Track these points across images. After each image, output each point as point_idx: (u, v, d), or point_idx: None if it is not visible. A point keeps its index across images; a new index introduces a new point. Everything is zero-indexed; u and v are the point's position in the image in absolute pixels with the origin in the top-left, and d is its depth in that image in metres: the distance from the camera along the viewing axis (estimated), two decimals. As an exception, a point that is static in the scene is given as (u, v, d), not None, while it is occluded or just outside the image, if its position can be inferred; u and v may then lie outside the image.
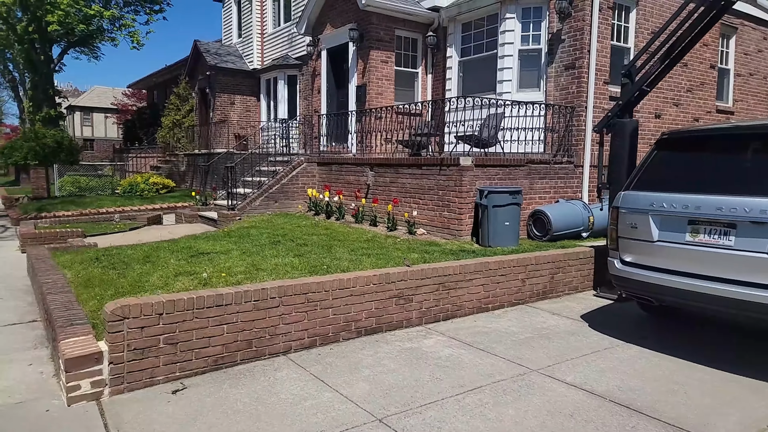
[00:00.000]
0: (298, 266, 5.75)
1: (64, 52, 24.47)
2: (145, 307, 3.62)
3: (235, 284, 5.09)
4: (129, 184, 15.13)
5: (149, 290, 5.00)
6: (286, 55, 16.47)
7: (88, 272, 5.81)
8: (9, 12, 21.54)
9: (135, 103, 39.86)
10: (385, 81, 11.00)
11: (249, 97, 18.53)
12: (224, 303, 3.90)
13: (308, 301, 4.27)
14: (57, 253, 7.00)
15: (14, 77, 34.14)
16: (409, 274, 4.79)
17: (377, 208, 8.83)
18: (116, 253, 6.78)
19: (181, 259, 6.34)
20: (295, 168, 10.68)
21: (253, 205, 10.17)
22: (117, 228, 9.92)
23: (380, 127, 10.42)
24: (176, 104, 21.16)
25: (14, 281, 6.65)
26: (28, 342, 4.55)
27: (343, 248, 6.82)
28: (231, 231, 8.63)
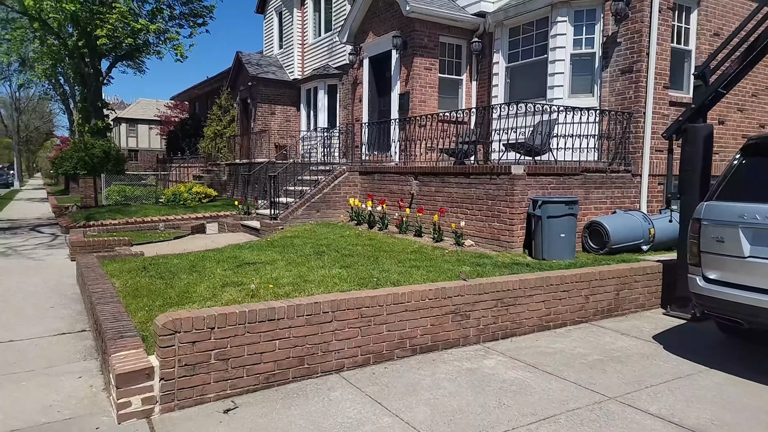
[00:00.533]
0: (346, 278, 5.55)
1: (112, 66, 25.29)
2: (196, 321, 3.47)
3: (283, 296, 4.93)
4: (173, 194, 15.37)
5: (197, 301, 4.89)
6: (326, 64, 16.50)
7: (136, 282, 5.76)
8: (61, 27, 22.47)
9: (177, 114, 40.95)
10: (428, 89, 10.78)
11: (289, 107, 18.65)
12: (276, 317, 3.72)
13: (362, 316, 4.04)
14: (105, 262, 7.02)
15: (65, 91, 35.60)
16: (465, 289, 4.51)
17: (422, 218, 8.58)
18: (163, 262, 6.75)
19: (227, 269, 6.24)
20: (337, 177, 10.55)
21: (296, 214, 10.08)
22: (162, 237, 9.99)
23: (423, 136, 10.19)
24: (218, 115, 21.54)
25: (65, 289, 6.69)
26: (77, 353, 4.48)
27: (390, 260, 6.59)
28: (274, 240, 8.54)
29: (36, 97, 44.60)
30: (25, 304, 5.94)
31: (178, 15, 24.23)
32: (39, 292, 6.48)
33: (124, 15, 21.15)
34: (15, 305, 5.90)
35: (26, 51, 28.84)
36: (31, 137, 52.32)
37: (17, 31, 24.20)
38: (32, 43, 26.97)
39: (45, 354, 4.43)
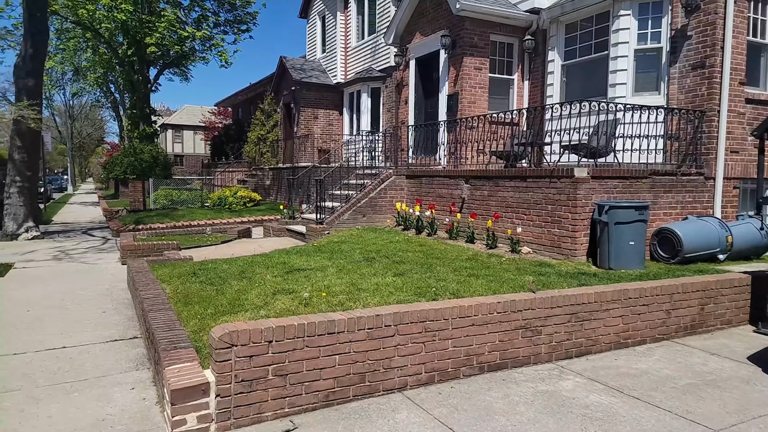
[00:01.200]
0: (400, 287, 5.26)
1: (160, 73, 25.96)
2: (254, 334, 3.25)
3: (337, 306, 4.68)
4: (218, 198, 15.49)
5: (249, 310, 4.70)
6: (370, 67, 16.33)
7: (187, 288, 5.63)
8: (112, 36, 23.21)
9: (221, 120, 41.82)
10: (478, 89, 10.41)
11: (332, 110, 18.58)
12: (336, 330, 3.46)
13: (426, 330, 3.74)
14: (155, 266, 6.97)
15: (115, 98, 36.87)
16: (536, 302, 4.14)
17: (474, 224, 8.20)
18: (212, 267, 6.64)
19: (277, 276, 6.05)
20: (384, 181, 10.30)
21: (341, 219, 9.88)
22: (209, 241, 9.98)
23: (473, 138, 9.83)
24: (261, 120, 21.72)
25: (117, 293, 6.66)
26: (130, 361, 4.35)
27: (445, 267, 6.26)
28: (321, 246, 8.34)
29: (88, 104, 46.45)
30: (78, 310, 5.91)
31: (222, 22, 24.67)
32: (91, 297, 6.47)
33: (172, 23, 21.62)
34: (70, 310, 5.88)
35: (79, 60, 29.96)
36: (84, 143, 54.56)
37: (71, 41, 25.15)
38: (85, 53, 27.98)
39: (97, 362, 4.32)
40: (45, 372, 4.09)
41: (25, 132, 11.78)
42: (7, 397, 3.63)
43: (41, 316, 5.62)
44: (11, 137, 12.21)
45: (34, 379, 3.95)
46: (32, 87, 11.83)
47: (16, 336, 4.94)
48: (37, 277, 7.64)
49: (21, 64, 11.71)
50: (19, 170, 11.84)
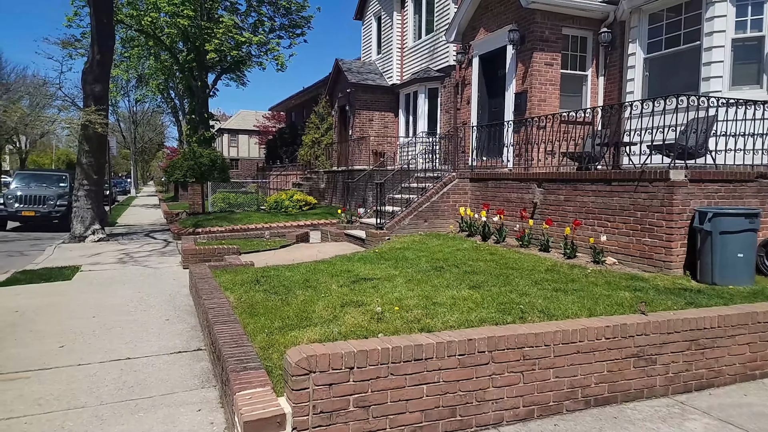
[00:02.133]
0: (480, 302, 4.78)
1: (218, 78, 26.48)
2: (334, 359, 2.86)
3: (413, 322, 4.27)
4: (275, 201, 15.46)
5: (318, 324, 4.35)
6: (427, 67, 15.89)
7: (251, 296, 5.37)
8: (173, 44, 23.86)
9: (274, 124, 42.51)
10: (549, 86, 9.76)
11: (387, 113, 18.26)
12: (424, 356, 3.03)
13: (524, 357, 3.25)
14: (217, 272, 6.79)
15: (175, 104, 38.13)
16: (650, 327, 3.56)
17: (549, 231, 7.59)
18: (275, 274, 6.37)
19: (343, 285, 5.71)
20: (446, 185, 9.82)
21: (402, 224, 9.48)
22: (268, 245, 9.81)
23: (542, 139, 9.20)
24: (315, 123, 21.68)
25: (180, 300, 6.52)
26: (195, 377, 4.09)
27: (524, 279, 5.72)
28: (383, 252, 7.96)
29: (150, 110, 48.40)
30: (142, 317, 5.77)
31: (278, 26, 24.90)
32: (155, 304, 6.34)
33: (230, 29, 21.97)
34: (134, 317, 5.75)
35: (142, 68, 31.06)
36: (146, 148, 56.90)
37: (135, 49, 26.05)
38: (147, 60, 28.98)
39: (162, 377, 4.08)
40: (109, 387, 3.88)
41: (92, 136, 12.07)
42: (72, 416, 3.42)
43: (106, 323, 5.50)
44: (79, 141, 12.56)
45: (98, 395, 3.74)
46: (99, 92, 12.12)
47: (82, 345, 4.81)
48: (102, 281, 7.64)
49: (88, 70, 12.02)
50: (86, 174, 12.14)
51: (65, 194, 15.57)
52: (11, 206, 14.82)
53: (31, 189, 15.55)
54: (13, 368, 4.22)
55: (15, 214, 14.88)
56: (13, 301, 6.41)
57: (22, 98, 27.52)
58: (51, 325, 5.42)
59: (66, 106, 12.88)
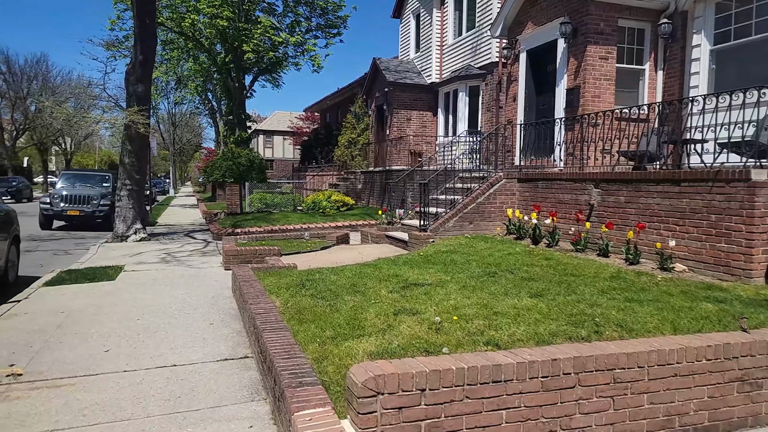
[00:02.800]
0: (546, 313, 4.39)
1: (255, 80, 26.67)
2: (403, 379, 2.56)
3: (477, 334, 3.93)
4: (312, 202, 15.33)
5: (372, 334, 4.05)
6: (468, 65, 15.46)
7: (297, 302, 5.13)
8: (211, 46, 24.12)
9: (308, 125, 42.69)
10: (603, 81, 9.23)
11: (425, 112, 17.91)
12: (503, 378, 2.69)
13: (615, 381, 2.87)
14: (260, 274, 6.60)
15: (213, 106, 38.71)
16: (756, 347, 3.12)
17: (608, 234, 7.11)
18: (320, 278, 6.12)
19: (393, 291, 5.40)
20: (493, 185, 9.41)
21: (446, 226, 9.12)
22: (308, 246, 9.61)
23: (596, 137, 8.70)
24: (352, 123, 21.52)
25: (223, 303, 6.34)
26: (243, 388, 3.85)
27: (588, 287, 5.29)
28: (429, 256, 7.63)
29: (188, 112, 49.32)
30: (186, 320, 5.61)
31: (314, 27, 24.85)
32: (199, 306, 6.18)
33: (267, 29, 22.01)
34: (178, 320, 5.59)
35: (181, 70, 31.58)
36: (184, 149, 58.11)
37: (174, 51, 26.45)
38: (186, 62, 29.45)
39: (209, 387, 3.87)
40: (156, 397, 3.68)
41: (134, 137, 12.16)
42: (118, 430, 3.22)
43: (150, 326, 5.35)
44: (122, 142, 12.68)
45: (145, 406, 3.54)
46: (142, 93, 12.19)
47: (128, 349, 4.65)
48: (145, 282, 7.56)
49: (131, 71, 12.11)
50: (129, 174, 12.23)
51: (108, 194, 15.82)
52: (57, 206, 15.13)
53: (75, 189, 15.86)
54: (58, 374, 4.08)
55: (61, 213, 15.19)
56: (58, 301, 6.37)
57: (67, 100, 28.32)
58: (96, 327, 5.31)
59: (109, 106, 13.05)
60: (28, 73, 41.03)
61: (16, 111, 40.98)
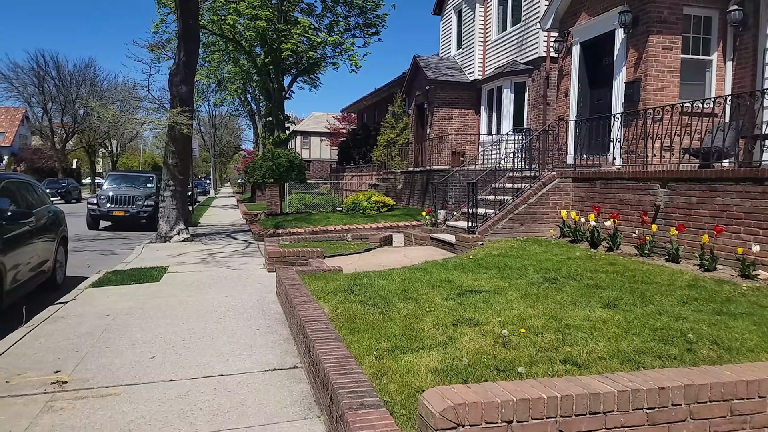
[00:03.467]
0: (626, 327, 3.95)
1: (293, 81, 26.76)
2: (488, 409, 2.21)
3: (550, 350, 3.54)
4: (352, 202, 15.10)
5: (432, 346, 3.72)
6: (513, 61, 14.93)
7: (347, 308, 4.84)
8: (251, 47, 24.28)
9: (345, 125, 42.72)
10: (667, 73, 8.61)
11: (467, 110, 17.45)
12: (602, 409, 2.31)
13: (732, 413, 2.44)
14: (305, 277, 6.36)
15: (252, 108, 39.19)
16: None
17: (679, 238, 6.54)
18: (368, 283, 5.82)
19: (448, 299, 5.05)
20: (545, 185, 8.92)
21: (496, 228, 8.69)
22: (351, 248, 9.35)
23: (659, 133, 8.12)
24: (391, 122, 21.20)
25: (268, 307, 6.13)
26: (295, 403, 3.58)
27: (665, 297, 4.80)
28: (479, 259, 7.23)
29: (227, 114, 50.19)
30: (231, 325, 5.40)
31: (352, 26, 24.69)
32: (244, 310, 5.98)
33: (306, 29, 21.98)
34: (223, 325, 5.39)
35: (221, 73, 32.04)
36: (223, 150, 59.21)
37: (215, 54, 26.78)
38: (227, 65, 29.86)
39: (259, 400, 3.61)
40: (204, 411, 3.44)
41: (178, 138, 12.20)
42: (165, 448, 2.99)
43: (196, 331, 5.17)
44: (166, 143, 12.76)
45: (192, 421, 3.31)
46: (185, 94, 12.22)
47: (173, 356, 4.47)
48: (189, 284, 7.45)
49: (175, 72, 12.15)
50: (172, 174, 12.28)
51: (152, 195, 16.03)
52: (103, 206, 15.42)
53: (121, 190, 16.14)
54: (104, 382, 3.91)
55: (107, 213, 15.48)
56: (104, 303, 6.29)
57: (114, 103, 29.14)
58: (142, 331, 5.16)
59: (154, 108, 13.24)
60: (76, 77, 42.56)
61: (65, 115, 42.57)
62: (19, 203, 6.50)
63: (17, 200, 6.52)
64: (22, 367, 4.20)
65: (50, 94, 42.12)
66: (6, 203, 6.16)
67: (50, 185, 33.67)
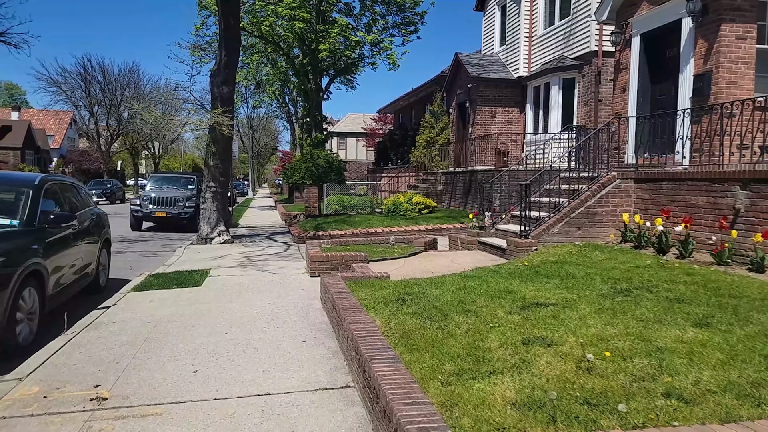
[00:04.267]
0: (730, 351, 3.45)
1: (331, 82, 26.64)
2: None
3: (647, 379, 3.05)
4: (392, 204, 14.73)
5: (504, 371, 3.29)
6: (561, 56, 14.25)
7: (401, 321, 4.45)
8: (290, 49, 24.25)
9: (381, 126, 42.47)
10: (741, 65, 7.89)
11: (511, 108, 16.83)
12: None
13: None
14: (352, 284, 6.01)
15: (289, 109, 39.40)
16: None
17: (765, 246, 5.88)
18: (419, 292, 5.42)
19: (512, 312, 4.60)
20: (605, 186, 8.32)
21: (551, 232, 8.15)
22: (395, 253, 8.97)
23: (733, 129, 7.42)
24: (430, 122, 20.74)
25: (313, 315, 5.81)
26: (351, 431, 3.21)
27: (766, 316, 4.21)
28: (536, 266, 6.73)
29: (265, 116, 50.70)
30: (276, 335, 5.10)
31: (390, 24, 24.35)
32: (288, 319, 5.67)
33: (344, 29, 21.78)
34: (267, 336, 5.09)
35: (260, 75, 32.29)
36: (261, 152, 59.92)
37: (254, 56, 26.92)
38: (265, 67, 30.04)
39: (311, 427, 3.26)
40: (252, 438, 3.11)
41: (219, 139, 12.10)
42: (211, 485, 2.66)
43: (239, 341, 4.88)
44: (207, 144, 12.69)
45: (239, 450, 2.98)
46: (226, 94, 12.11)
47: (217, 370, 4.18)
48: (231, 288, 7.22)
49: (216, 72, 12.06)
50: (213, 176, 12.20)
51: (193, 196, 16.09)
52: (146, 207, 15.55)
53: (163, 191, 16.26)
54: (145, 399, 3.65)
55: (149, 215, 15.60)
56: (146, 309, 6.11)
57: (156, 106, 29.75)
58: (184, 341, 4.91)
59: (195, 109, 13.26)
60: (121, 81, 43.81)
61: (110, 117, 43.87)
62: (63, 205, 6.40)
63: (61, 202, 6.42)
64: (62, 380, 3.99)
65: (96, 98, 43.48)
66: (51, 205, 6.06)
67: (95, 186, 34.68)
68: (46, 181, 6.14)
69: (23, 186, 5.74)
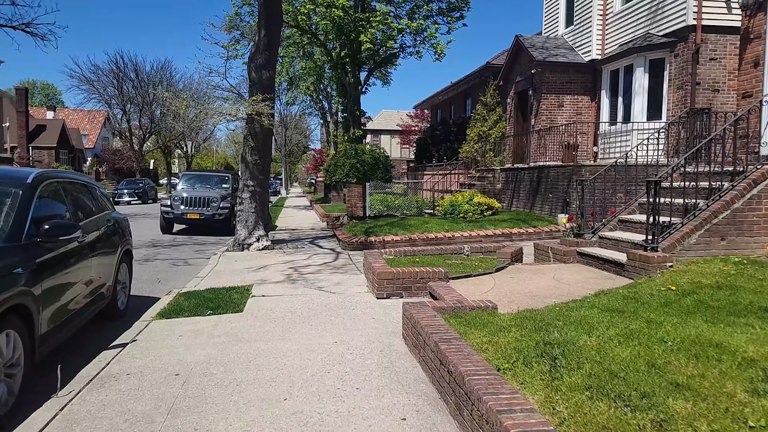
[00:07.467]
0: None
1: (370, 74, 25.14)
2: None
3: None
4: (450, 204, 12.98)
5: None
6: (647, 33, 12.26)
7: (575, 407, 2.73)
8: (327, 39, 22.76)
9: (417, 123, 40.76)
10: None
11: (580, 96, 14.88)
12: None
13: None
14: (450, 319, 4.34)
15: (323, 106, 38.02)
16: None
17: None
18: (564, 340, 3.67)
19: (751, 392, 2.82)
20: (756, 183, 6.40)
21: (687, 242, 6.28)
22: (477, 266, 7.26)
23: None
24: (482, 114, 18.87)
25: (401, 364, 4.12)
26: None
27: None
28: (688, 292, 4.92)
29: (298, 113, 49.51)
30: (360, 405, 3.42)
31: (435, 12, 22.63)
32: (368, 372, 4.00)
33: (386, 17, 20.22)
34: (346, 405, 3.42)
35: (294, 70, 31.06)
36: (293, 150, 58.84)
37: (289, 48, 25.53)
38: (299, 62, 28.73)
39: None
40: None
41: (257, 132, 10.59)
42: None
43: (305, 414, 3.25)
44: (245, 138, 11.20)
45: None
46: (266, 80, 10.60)
47: (282, 488, 2.53)
48: (281, 316, 5.62)
49: (254, 55, 10.55)
50: (251, 173, 10.70)
51: (227, 195, 14.72)
52: (177, 208, 14.22)
53: (195, 191, 14.92)
54: None
55: (181, 216, 14.27)
56: (173, 350, 4.54)
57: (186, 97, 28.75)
58: (225, 414, 3.30)
59: (231, 97, 11.94)
60: (153, 79, 43.20)
61: (143, 116, 43.33)
62: (69, 210, 4.91)
63: (67, 206, 4.93)
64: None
65: (128, 96, 43.00)
66: (50, 210, 4.57)
67: (128, 185, 33.96)
68: (44, 179, 4.63)
69: (10, 185, 4.24)
